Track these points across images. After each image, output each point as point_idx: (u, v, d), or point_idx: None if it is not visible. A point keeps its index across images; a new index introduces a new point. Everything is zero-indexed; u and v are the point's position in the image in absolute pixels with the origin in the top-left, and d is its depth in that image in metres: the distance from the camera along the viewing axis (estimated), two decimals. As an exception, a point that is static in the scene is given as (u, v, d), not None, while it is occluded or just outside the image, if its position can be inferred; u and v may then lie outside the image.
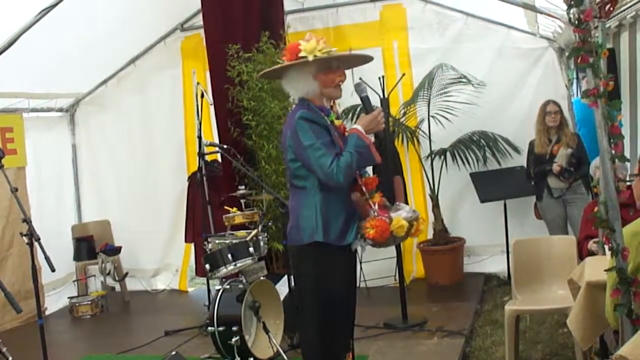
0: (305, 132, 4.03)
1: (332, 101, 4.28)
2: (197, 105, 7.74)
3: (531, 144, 7.90)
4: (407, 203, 4.49)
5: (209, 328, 6.12)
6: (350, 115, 8.21)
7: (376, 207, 4.09)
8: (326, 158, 3.98)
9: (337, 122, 4.16)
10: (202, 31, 8.77)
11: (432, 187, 8.65)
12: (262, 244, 6.50)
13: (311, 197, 4.13)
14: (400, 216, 4.05)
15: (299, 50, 4.11)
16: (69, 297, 9.10)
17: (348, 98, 4.83)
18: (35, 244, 5.32)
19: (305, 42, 4.10)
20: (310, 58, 4.06)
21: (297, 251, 4.28)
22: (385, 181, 4.47)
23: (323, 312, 4.18)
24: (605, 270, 3.96)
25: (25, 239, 5.36)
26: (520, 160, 8.37)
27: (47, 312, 8.88)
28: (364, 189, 4.14)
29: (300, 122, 4.05)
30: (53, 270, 5.16)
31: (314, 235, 4.12)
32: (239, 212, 6.88)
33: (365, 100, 4.19)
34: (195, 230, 8.86)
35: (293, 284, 6.40)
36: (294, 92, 4.32)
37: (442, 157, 8.64)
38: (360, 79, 7.40)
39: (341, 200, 4.10)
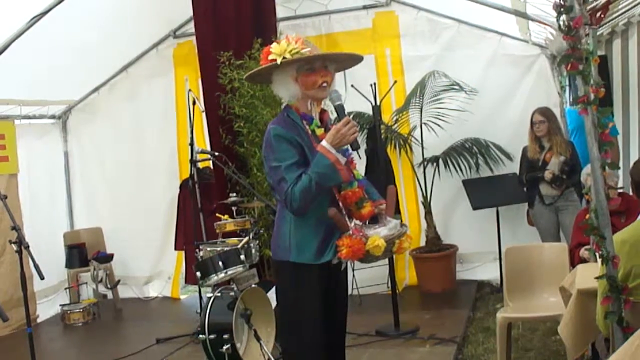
0: (274, 151, 3.83)
1: (319, 103, 4.04)
2: (189, 113, 7.73)
3: (524, 150, 7.90)
4: (399, 213, 4.24)
5: (200, 336, 6.08)
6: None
7: (352, 224, 3.83)
8: (285, 183, 3.78)
9: (318, 132, 3.92)
10: (194, 38, 8.77)
11: (424, 194, 8.65)
12: (253, 251, 6.48)
13: (287, 212, 3.92)
14: (379, 234, 3.76)
15: (269, 53, 3.92)
16: (60, 305, 9.07)
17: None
18: (25, 251, 5.29)
19: (277, 44, 3.91)
20: (279, 61, 3.86)
21: (275, 264, 4.15)
22: (377, 189, 4.39)
23: (295, 327, 4.02)
24: (595, 278, 3.96)
25: (15, 247, 5.33)
26: (513, 167, 8.37)
27: (39, 320, 8.87)
28: (340, 204, 3.88)
29: (271, 140, 3.85)
30: (42, 278, 5.13)
31: (288, 254, 3.94)
32: (230, 220, 6.85)
33: (338, 109, 3.89)
34: (186, 238, 8.84)
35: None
36: (282, 96, 4.09)
37: (435, 164, 8.64)
38: (352, 85, 7.45)
39: (318, 217, 3.86)
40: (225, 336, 5.89)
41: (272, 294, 6.68)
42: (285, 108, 4.05)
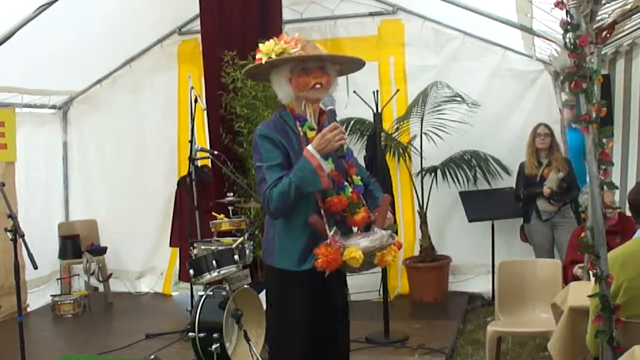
0: (258, 151, 3.81)
1: (314, 105, 3.93)
2: (191, 110, 7.73)
3: (521, 166, 7.92)
4: (395, 223, 4.11)
5: (190, 333, 6.08)
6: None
7: (331, 233, 3.69)
8: (264, 183, 3.75)
9: (310, 134, 3.84)
10: (199, 36, 8.78)
11: (421, 204, 8.65)
12: (247, 252, 6.48)
13: None
14: (358, 245, 3.62)
15: (259, 51, 3.87)
16: (51, 295, 9.05)
17: (342, 110, 4.55)
18: (20, 240, 5.29)
19: (265, 44, 3.84)
20: (264, 60, 3.80)
21: (264, 267, 4.11)
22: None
23: (279, 332, 4.01)
24: (588, 297, 3.96)
25: (9, 235, 5.33)
26: (510, 181, 8.37)
27: (29, 309, 8.85)
28: (322, 211, 3.76)
29: (256, 140, 3.84)
30: (35, 267, 5.14)
31: (272, 259, 3.93)
32: (226, 219, 6.85)
33: (329, 114, 3.80)
34: (181, 235, 8.83)
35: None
36: (279, 97, 4.00)
37: (433, 174, 8.64)
38: (355, 91, 7.45)
39: (303, 223, 3.78)
40: (215, 335, 5.89)
41: (263, 296, 6.68)
42: (280, 109, 4.01)
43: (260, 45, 3.87)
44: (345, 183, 3.92)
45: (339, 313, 4.15)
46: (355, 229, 3.84)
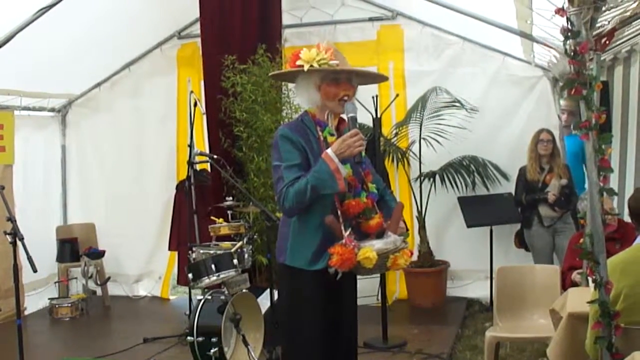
0: (278, 151, 3.91)
1: (336, 115, 4.06)
2: (190, 114, 7.74)
3: (522, 171, 7.91)
4: (407, 231, 4.17)
5: (188, 338, 6.07)
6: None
7: (347, 233, 3.76)
8: (281, 182, 3.84)
9: (330, 139, 3.94)
10: (199, 40, 8.80)
11: (419, 209, 8.66)
12: (246, 256, 6.48)
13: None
14: (373, 247, 3.71)
15: (298, 57, 3.95)
16: (49, 298, 9.05)
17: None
18: (19, 243, 5.29)
19: (307, 50, 3.93)
20: (306, 68, 3.90)
21: (278, 267, 4.17)
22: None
23: (290, 330, 4.06)
24: (588, 303, 3.96)
25: (9, 238, 5.33)
26: (509, 187, 8.39)
27: (26, 312, 8.81)
28: (339, 212, 3.85)
29: (277, 140, 3.94)
30: (35, 270, 5.13)
31: (284, 257, 4.01)
32: (225, 223, 6.87)
33: (351, 120, 3.90)
34: (180, 239, 8.83)
35: (276, 298, 6.40)
36: (301, 100, 4.19)
37: (431, 179, 8.65)
38: (355, 98, 7.43)
39: (318, 224, 3.87)
40: (214, 339, 5.89)
41: (262, 300, 6.69)
42: (302, 113, 4.12)
43: (301, 52, 3.95)
44: (360, 188, 4.03)
45: (348, 313, 4.23)
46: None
